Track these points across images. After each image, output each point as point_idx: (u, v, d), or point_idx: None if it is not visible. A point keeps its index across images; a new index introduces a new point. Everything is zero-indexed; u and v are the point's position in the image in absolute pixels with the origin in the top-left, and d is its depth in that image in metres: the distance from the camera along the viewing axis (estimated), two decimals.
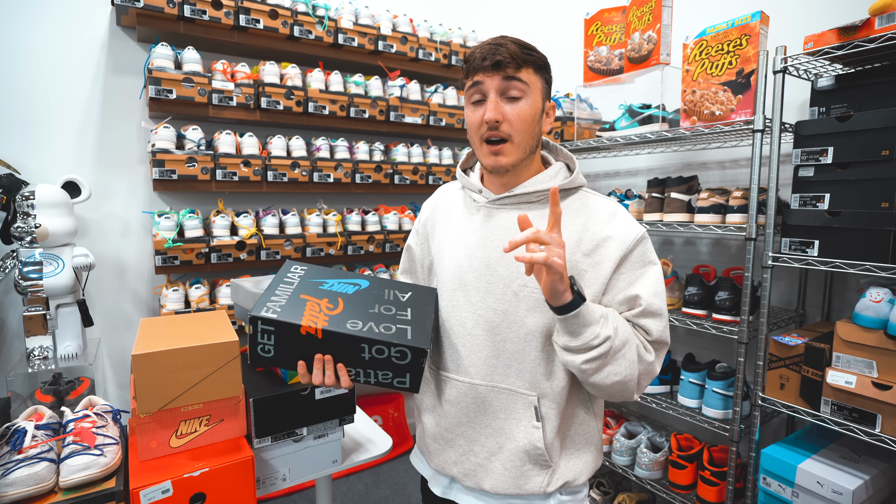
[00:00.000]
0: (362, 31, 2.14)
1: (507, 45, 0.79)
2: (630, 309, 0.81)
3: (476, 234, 0.87)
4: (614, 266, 0.81)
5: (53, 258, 1.56)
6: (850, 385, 1.18)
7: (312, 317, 0.75)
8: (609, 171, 2.24)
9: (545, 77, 0.84)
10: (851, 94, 1.35)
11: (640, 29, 1.65)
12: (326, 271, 0.89)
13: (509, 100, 0.81)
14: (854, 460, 1.27)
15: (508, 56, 0.78)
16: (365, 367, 0.77)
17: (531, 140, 0.83)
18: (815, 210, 1.30)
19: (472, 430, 0.86)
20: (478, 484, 0.86)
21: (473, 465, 0.87)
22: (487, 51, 0.80)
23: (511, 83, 0.80)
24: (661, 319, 0.82)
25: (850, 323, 1.22)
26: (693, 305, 1.60)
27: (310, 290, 0.82)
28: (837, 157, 1.26)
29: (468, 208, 0.92)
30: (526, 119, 0.81)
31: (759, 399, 1.39)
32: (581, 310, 0.72)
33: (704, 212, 1.54)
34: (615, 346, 0.75)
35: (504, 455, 0.84)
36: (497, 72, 0.79)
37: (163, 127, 1.80)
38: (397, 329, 0.77)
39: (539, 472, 0.83)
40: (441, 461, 0.91)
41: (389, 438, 1.30)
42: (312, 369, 0.76)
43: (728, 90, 1.43)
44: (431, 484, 0.96)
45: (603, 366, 0.76)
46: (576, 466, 0.86)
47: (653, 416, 2.00)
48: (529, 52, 0.81)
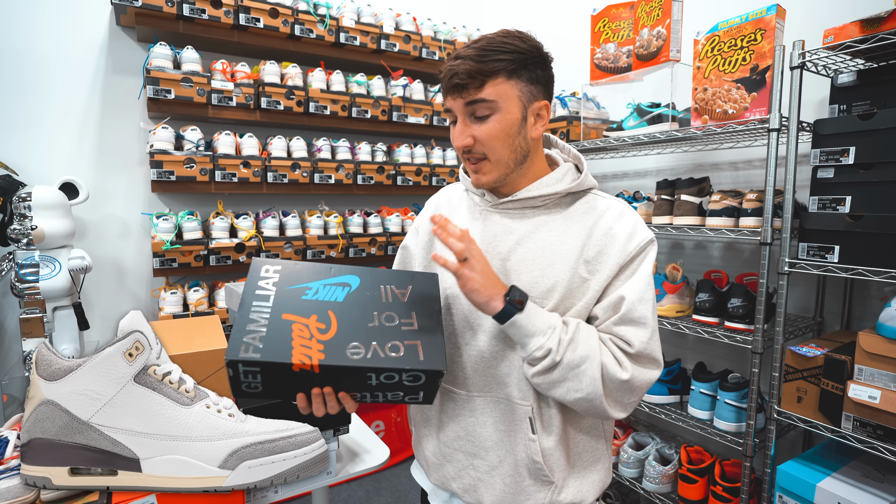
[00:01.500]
0: (364, 30, 2.11)
1: (468, 60, 0.72)
2: (614, 314, 0.75)
3: (477, 240, 0.83)
4: (613, 273, 0.76)
5: (50, 260, 1.54)
6: (874, 400, 1.11)
7: (304, 347, 0.65)
8: (617, 173, 2.18)
9: (527, 77, 0.75)
10: (875, 90, 1.28)
11: (649, 25, 1.59)
12: (306, 270, 0.75)
13: (478, 119, 0.76)
14: (878, 479, 1.20)
15: (466, 77, 0.72)
16: (372, 391, 0.70)
17: (511, 153, 0.77)
18: (836, 213, 1.23)
19: (472, 444, 0.83)
20: (478, 500, 0.83)
21: (474, 479, 0.83)
22: (450, 68, 0.74)
23: (474, 106, 0.74)
24: (645, 329, 0.73)
25: (873, 333, 1.15)
26: (704, 312, 1.54)
27: (291, 304, 0.70)
28: (860, 157, 1.19)
29: (471, 211, 0.88)
30: (497, 136, 0.75)
31: (774, 413, 1.33)
32: (516, 319, 0.70)
33: (716, 215, 1.48)
34: (567, 360, 0.70)
35: (504, 469, 0.81)
36: (459, 95, 0.75)
37: (161, 127, 1.78)
38: (406, 349, 0.68)
39: (540, 489, 0.79)
40: (440, 476, 0.88)
41: (387, 448, 1.25)
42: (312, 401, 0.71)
43: (742, 88, 1.36)
44: (432, 498, 0.93)
45: (557, 381, 0.72)
46: (582, 487, 0.82)
47: (662, 426, 1.93)
48: (497, 57, 0.72)
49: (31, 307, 1.51)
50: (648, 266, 0.78)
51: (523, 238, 0.80)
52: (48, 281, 1.51)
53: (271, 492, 1.06)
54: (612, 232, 0.77)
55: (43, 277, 1.50)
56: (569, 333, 0.72)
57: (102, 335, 1.91)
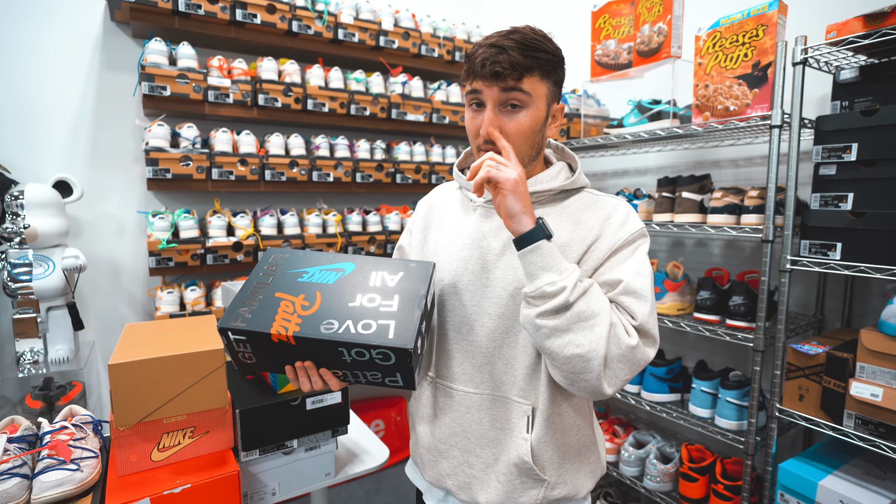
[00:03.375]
0: (363, 27, 2.09)
1: (510, 51, 0.72)
2: (611, 290, 0.74)
3: (472, 235, 0.84)
4: (604, 256, 0.76)
5: (43, 259, 1.52)
6: (877, 398, 1.11)
7: (284, 321, 0.69)
8: (617, 170, 2.17)
9: (554, 79, 0.77)
10: (877, 86, 1.27)
11: (650, 21, 1.57)
12: (310, 257, 0.79)
13: (508, 109, 0.75)
14: (879, 477, 1.19)
15: (509, 66, 0.72)
16: (350, 369, 0.72)
17: (530, 150, 0.79)
18: (838, 211, 1.22)
19: (468, 441, 0.83)
20: (473, 497, 0.83)
21: (469, 477, 0.83)
22: (488, 56, 0.72)
23: (511, 94, 0.74)
24: (645, 303, 0.72)
25: (875, 331, 1.14)
26: (705, 310, 1.53)
27: (286, 284, 0.74)
28: (862, 154, 1.18)
29: (465, 208, 0.89)
30: (525, 132, 0.76)
31: (776, 410, 1.32)
32: (541, 244, 0.69)
33: (718, 212, 1.47)
34: (579, 308, 0.67)
35: (499, 467, 0.81)
36: (496, 82, 0.73)
37: (157, 125, 1.75)
38: (378, 327, 0.68)
39: (533, 486, 0.80)
40: (435, 473, 0.87)
41: (386, 449, 1.24)
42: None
43: (743, 84, 1.35)
44: (426, 496, 0.93)
45: (560, 329, 0.67)
46: (574, 480, 0.82)
47: (662, 424, 1.93)
48: (536, 54, 0.73)
49: (24, 307, 1.49)
50: (642, 254, 0.77)
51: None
52: (42, 280, 1.49)
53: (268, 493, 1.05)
54: (605, 219, 0.78)
55: (36, 277, 1.48)
56: (585, 284, 0.70)
57: (97, 335, 1.89)
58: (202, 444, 0.96)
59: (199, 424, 0.95)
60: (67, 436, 0.90)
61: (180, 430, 0.94)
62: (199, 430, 0.95)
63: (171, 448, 0.93)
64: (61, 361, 1.53)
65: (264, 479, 1.02)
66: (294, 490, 1.07)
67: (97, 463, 0.90)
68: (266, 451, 1.00)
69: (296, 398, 1.02)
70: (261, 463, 1.01)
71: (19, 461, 0.84)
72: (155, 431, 0.91)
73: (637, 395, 1.71)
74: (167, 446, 0.92)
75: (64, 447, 0.87)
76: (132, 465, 0.90)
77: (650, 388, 1.66)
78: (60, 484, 0.81)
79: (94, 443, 0.95)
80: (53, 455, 0.85)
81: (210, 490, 0.89)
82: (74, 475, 0.83)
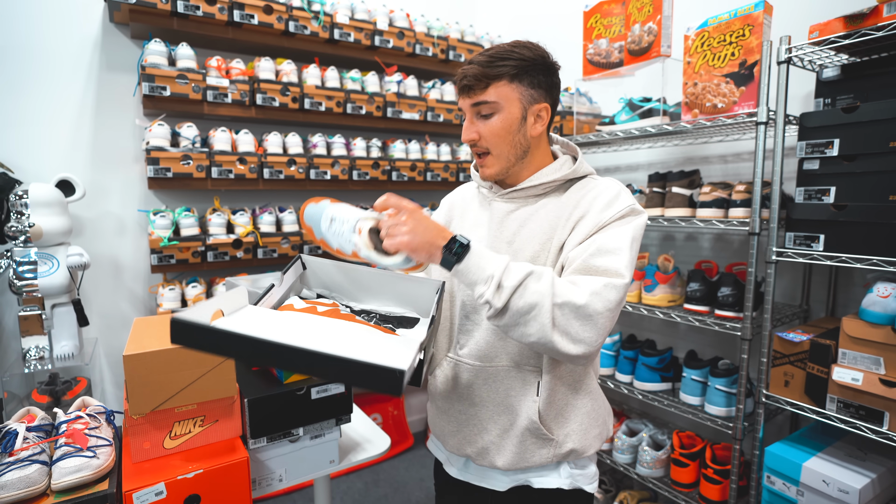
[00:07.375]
0: (358, 27, 2.12)
1: (477, 65, 0.82)
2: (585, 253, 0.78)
3: (486, 227, 0.92)
4: (590, 231, 0.81)
5: (48, 257, 1.54)
6: (857, 382, 1.16)
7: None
8: (609, 166, 2.21)
9: (528, 82, 0.84)
10: (858, 84, 1.32)
11: (641, 20, 1.62)
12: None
13: (482, 117, 0.85)
14: (860, 458, 1.25)
15: (472, 79, 0.83)
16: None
17: (512, 149, 0.87)
18: (821, 204, 1.27)
19: (486, 410, 0.90)
20: (491, 462, 0.90)
21: (487, 443, 0.91)
22: (462, 74, 0.85)
23: (479, 106, 0.85)
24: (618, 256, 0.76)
25: (856, 319, 1.20)
26: (695, 301, 1.58)
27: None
28: (843, 149, 1.23)
29: (482, 204, 0.97)
30: (498, 133, 0.85)
31: (762, 396, 1.37)
32: (457, 268, 0.75)
33: (707, 206, 1.52)
34: (516, 307, 0.72)
35: (514, 432, 0.88)
36: (467, 95, 0.85)
37: (157, 124, 1.78)
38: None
39: (543, 445, 0.88)
40: (455, 442, 0.95)
41: (388, 438, 1.28)
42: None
43: (731, 82, 1.40)
44: (447, 466, 1.01)
45: (509, 325, 0.74)
46: (582, 440, 0.89)
47: (654, 413, 1.98)
48: (502, 63, 0.81)
49: (29, 304, 1.51)
50: (628, 225, 0.80)
51: (525, 220, 0.89)
52: (47, 278, 1.51)
53: (275, 479, 1.09)
54: (593, 199, 0.85)
55: (41, 275, 1.50)
56: (515, 279, 0.72)
57: (100, 332, 1.91)
58: (212, 433, 0.99)
59: (208, 413, 0.99)
60: (83, 425, 0.93)
61: (191, 419, 0.97)
62: (208, 418, 0.99)
63: (183, 436, 0.96)
64: (66, 357, 1.56)
65: (271, 466, 1.06)
66: (300, 476, 1.10)
67: (112, 451, 0.93)
68: (273, 438, 1.04)
69: (301, 388, 1.05)
70: (268, 450, 1.05)
71: (38, 449, 0.87)
72: (167, 420, 0.94)
73: (630, 385, 1.76)
74: (179, 434, 0.96)
75: (80, 435, 0.90)
76: (146, 453, 0.93)
77: (642, 377, 1.71)
78: (79, 470, 0.84)
79: (107, 432, 0.98)
80: (71, 443, 0.88)
81: (221, 475, 0.93)
82: (91, 461, 0.86)
